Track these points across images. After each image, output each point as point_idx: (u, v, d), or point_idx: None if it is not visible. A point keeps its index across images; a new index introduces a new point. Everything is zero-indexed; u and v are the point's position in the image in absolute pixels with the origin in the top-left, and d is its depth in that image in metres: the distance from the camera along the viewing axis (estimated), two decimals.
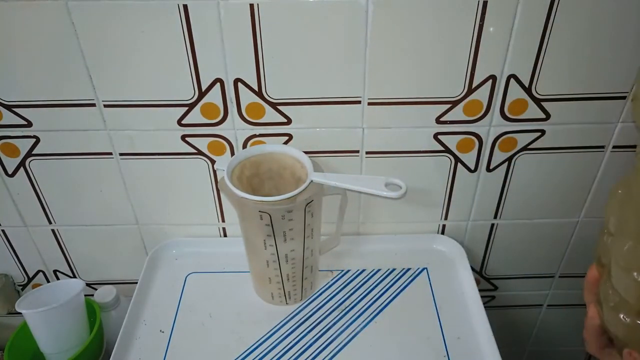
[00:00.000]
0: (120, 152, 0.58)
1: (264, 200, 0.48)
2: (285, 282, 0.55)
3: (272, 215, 0.49)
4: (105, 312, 0.65)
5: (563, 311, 0.76)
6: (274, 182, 0.55)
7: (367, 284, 0.60)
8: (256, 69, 0.52)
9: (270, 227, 0.49)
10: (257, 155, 0.54)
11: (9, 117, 0.55)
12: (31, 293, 0.60)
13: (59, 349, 0.60)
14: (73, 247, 0.68)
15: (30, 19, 0.49)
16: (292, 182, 0.54)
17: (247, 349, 0.53)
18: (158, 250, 0.65)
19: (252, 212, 0.49)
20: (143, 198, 0.63)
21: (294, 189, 0.49)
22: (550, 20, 0.48)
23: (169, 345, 0.54)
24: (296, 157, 0.54)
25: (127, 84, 0.53)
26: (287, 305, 0.58)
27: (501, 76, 0.52)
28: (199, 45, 0.50)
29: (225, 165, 0.52)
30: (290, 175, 0.54)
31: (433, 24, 0.49)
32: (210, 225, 0.66)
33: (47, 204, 0.63)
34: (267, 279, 0.55)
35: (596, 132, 0.57)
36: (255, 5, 0.48)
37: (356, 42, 0.50)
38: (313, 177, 0.51)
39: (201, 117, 0.55)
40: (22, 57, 0.51)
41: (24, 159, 0.59)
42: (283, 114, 0.55)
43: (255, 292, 0.59)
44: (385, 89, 0.53)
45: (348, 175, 0.56)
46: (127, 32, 0.49)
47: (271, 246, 0.52)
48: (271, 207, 0.48)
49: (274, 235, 0.50)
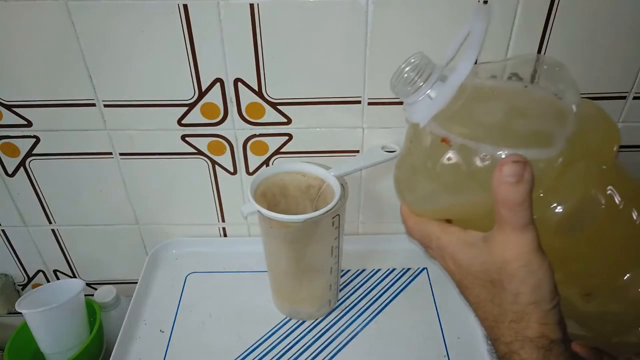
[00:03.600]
0: (121, 152, 0.58)
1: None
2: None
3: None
4: (105, 312, 0.65)
5: None
6: (285, 201, 0.54)
7: (367, 284, 0.60)
8: (256, 69, 0.52)
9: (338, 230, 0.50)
10: (263, 182, 0.52)
11: (9, 117, 0.55)
12: (31, 293, 0.60)
13: (59, 349, 0.60)
14: (73, 247, 0.68)
15: (30, 19, 0.49)
16: (299, 195, 0.53)
17: (247, 349, 0.53)
18: (158, 250, 0.65)
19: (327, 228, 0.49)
20: (143, 198, 0.63)
21: (304, 202, 0.49)
22: (550, 20, 0.48)
23: (169, 345, 0.54)
24: (298, 170, 0.53)
25: (127, 84, 0.53)
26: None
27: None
28: (199, 45, 0.50)
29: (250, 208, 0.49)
30: (296, 189, 0.53)
31: (433, 24, 0.49)
32: (210, 225, 0.66)
33: (47, 204, 0.63)
34: (328, 286, 0.55)
35: None
36: (255, 5, 0.48)
37: (356, 42, 0.50)
38: (334, 172, 0.50)
39: (201, 117, 0.55)
40: (22, 57, 0.51)
41: (24, 159, 0.59)
42: (283, 114, 0.55)
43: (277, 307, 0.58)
44: (385, 89, 0.53)
45: (353, 158, 0.56)
46: (127, 32, 0.49)
47: (335, 256, 0.52)
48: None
49: (339, 239, 0.51)
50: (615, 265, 0.36)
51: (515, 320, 0.33)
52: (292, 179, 0.52)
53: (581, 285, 0.37)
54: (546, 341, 0.32)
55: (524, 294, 0.32)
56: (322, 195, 0.52)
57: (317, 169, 0.51)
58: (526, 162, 0.31)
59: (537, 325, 0.32)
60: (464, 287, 0.36)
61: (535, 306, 0.32)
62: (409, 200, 0.39)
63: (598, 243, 0.36)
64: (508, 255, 0.32)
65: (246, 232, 0.67)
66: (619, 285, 0.36)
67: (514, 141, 0.33)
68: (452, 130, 0.35)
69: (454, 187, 0.35)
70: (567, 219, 0.34)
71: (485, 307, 0.35)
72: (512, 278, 0.32)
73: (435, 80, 0.36)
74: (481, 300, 0.35)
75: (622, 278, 0.36)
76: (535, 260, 0.32)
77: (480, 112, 0.35)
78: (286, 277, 0.54)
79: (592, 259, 0.36)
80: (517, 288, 0.32)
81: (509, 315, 0.33)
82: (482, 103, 0.36)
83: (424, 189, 0.37)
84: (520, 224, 0.31)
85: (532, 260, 0.31)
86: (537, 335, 0.32)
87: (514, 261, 0.32)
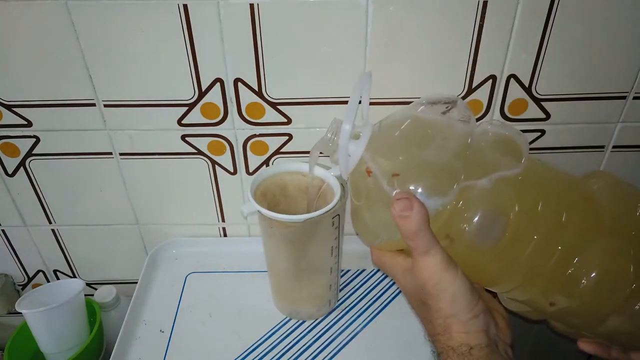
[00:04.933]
0: (120, 152, 0.58)
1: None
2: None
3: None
4: (105, 312, 0.65)
5: None
6: (285, 201, 0.54)
7: (367, 284, 0.60)
8: (256, 69, 0.52)
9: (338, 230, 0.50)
10: (263, 182, 0.52)
11: (9, 117, 0.55)
12: (31, 293, 0.60)
13: (59, 349, 0.60)
14: (73, 247, 0.68)
15: (30, 18, 0.49)
16: (299, 195, 0.53)
17: (247, 349, 0.53)
18: (158, 250, 0.65)
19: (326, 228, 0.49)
20: (143, 198, 0.63)
21: (304, 202, 0.49)
22: (550, 20, 0.48)
23: (169, 345, 0.54)
24: (298, 170, 0.52)
25: (127, 84, 0.53)
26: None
27: (501, 76, 0.52)
28: (199, 45, 0.50)
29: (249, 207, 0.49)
30: (296, 189, 0.53)
31: (433, 24, 0.49)
32: (210, 225, 0.66)
33: (47, 204, 0.63)
34: (328, 286, 0.55)
35: (596, 132, 0.57)
36: (255, 5, 0.48)
37: (356, 42, 0.50)
38: (334, 172, 0.49)
39: (201, 117, 0.55)
40: (22, 57, 0.51)
41: (24, 159, 0.59)
42: (283, 114, 0.55)
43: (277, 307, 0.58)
44: (385, 89, 0.53)
45: None
46: (127, 32, 0.49)
47: (335, 256, 0.52)
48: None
49: (338, 239, 0.51)
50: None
51: (441, 333, 0.36)
52: (292, 179, 0.52)
53: (543, 297, 0.40)
54: (466, 348, 0.35)
55: (443, 309, 0.36)
56: (322, 195, 0.52)
57: (317, 168, 0.51)
58: (410, 197, 0.35)
59: (458, 335, 0.35)
60: (412, 307, 0.41)
61: (453, 318, 0.36)
62: (364, 239, 0.44)
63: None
64: (423, 278, 0.36)
65: (246, 232, 0.67)
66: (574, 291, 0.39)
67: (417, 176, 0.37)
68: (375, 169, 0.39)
69: (383, 223, 0.39)
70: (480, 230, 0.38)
71: (425, 324, 0.39)
72: (430, 297, 0.36)
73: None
74: (421, 319, 0.40)
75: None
76: (445, 277, 0.35)
77: (397, 148, 0.40)
78: (286, 277, 0.54)
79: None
80: (436, 304, 0.36)
81: (437, 329, 0.37)
82: (400, 140, 0.40)
83: (366, 229, 0.42)
84: (423, 249, 0.35)
85: (443, 278, 0.35)
86: (458, 345, 0.35)
87: (427, 282, 0.36)
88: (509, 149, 0.40)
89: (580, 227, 0.38)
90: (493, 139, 0.40)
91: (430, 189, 0.36)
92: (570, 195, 0.40)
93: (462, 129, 0.39)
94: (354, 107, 0.39)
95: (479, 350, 0.35)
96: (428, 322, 0.38)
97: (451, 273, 0.35)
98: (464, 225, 0.37)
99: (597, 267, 0.38)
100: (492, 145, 0.39)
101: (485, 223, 0.37)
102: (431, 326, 0.37)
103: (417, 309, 0.40)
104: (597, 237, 0.39)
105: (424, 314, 0.38)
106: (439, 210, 0.36)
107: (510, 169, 0.38)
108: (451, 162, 0.37)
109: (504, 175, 0.38)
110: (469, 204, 0.37)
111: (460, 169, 0.37)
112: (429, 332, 0.38)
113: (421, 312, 0.39)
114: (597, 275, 0.37)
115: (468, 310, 0.35)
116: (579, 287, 0.38)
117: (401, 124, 0.41)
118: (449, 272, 0.35)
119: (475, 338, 0.35)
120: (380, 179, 0.38)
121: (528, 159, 0.39)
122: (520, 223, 0.37)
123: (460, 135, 0.38)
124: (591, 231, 0.39)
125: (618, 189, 0.42)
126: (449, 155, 0.37)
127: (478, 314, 0.36)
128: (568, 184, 0.41)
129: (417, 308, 0.40)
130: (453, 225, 0.37)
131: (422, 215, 0.35)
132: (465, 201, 0.37)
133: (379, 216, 0.40)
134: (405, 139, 0.40)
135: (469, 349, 0.35)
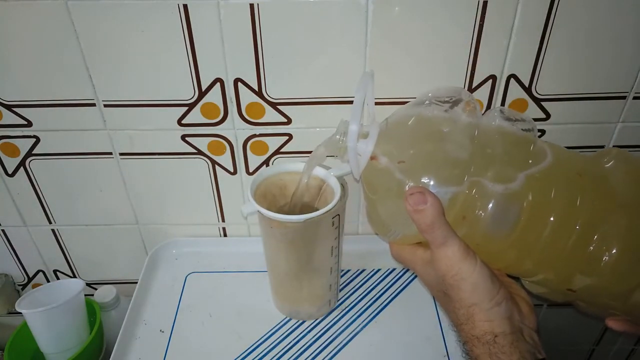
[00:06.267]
0: (120, 152, 0.58)
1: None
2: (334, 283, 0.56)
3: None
4: (105, 312, 0.65)
5: (563, 311, 0.76)
6: (285, 201, 0.54)
7: (367, 284, 0.60)
8: (256, 69, 0.52)
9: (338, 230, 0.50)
10: (263, 182, 0.52)
11: (9, 117, 0.55)
12: (31, 293, 0.60)
13: (59, 349, 0.60)
14: (73, 247, 0.68)
15: (30, 18, 0.49)
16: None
17: (247, 349, 0.53)
18: (158, 250, 0.65)
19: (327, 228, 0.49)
20: (143, 198, 0.63)
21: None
22: (550, 20, 0.48)
23: (169, 345, 0.54)
24: (298, 170, 0.52)
25: (127, 84, 0.53)
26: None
27: (501, 76, 0.52)
28: (199, 45, 0.50)
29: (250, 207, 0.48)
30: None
31: (433, 24, 0.49)
32: (210, 225, 0.66)
33: (47, 204, 0.63)
34: (328, 286, 0.55)
35: (596, 132, 0.57)
36: (255, 5, 0.48)
37: (356, 42, 0.50)
38: (334, 172, 0.50)
39: (201, 117, 0.55)
40: (22, 57, 0.51)
41: (24, 158, 0.59)
42: (283, 114, 0.55)
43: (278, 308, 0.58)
44: (385, 89, 0.53)
45: None
46: (127, 32, 0.49)
47: (335, 256, 0.52)
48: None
49: (339, 239, 0.51)
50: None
51: (465, 322, 0.36)
52: (292, 179, 0.52)
53: (565, 278, 0.40)
54: (490, 336, 0.35)
55: (464, 299, 0.36)
56: (322, 195, 0.52)
57: (317, 169, 0.51)
58: (423, 191, 0.35)
59: (481, 323, 0.35)
60: (435, 299, 0.41)
61: (475, 307, 0.36)
62: (383, 236, 0.45)
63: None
64: (442, 269, 0.36)
65: (246, 232, 0.67)
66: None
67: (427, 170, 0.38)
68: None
69: (398, 218, 0.40)
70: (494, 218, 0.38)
71: (448, 315, 0.39)
72: (451, 287, 0.36)
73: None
74: (444, 309, 0.40)
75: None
76: (464, 267, 0.35)
77: (407, 145, 0.40)
78: (286, 277, 0.54)
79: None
80: (457, 295, 0.36)
81: (460, 319, 0.37)
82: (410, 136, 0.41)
83: (382, 225, 0.43)
84: (440, 241, 0.36)
85: (461, 268, 0.35)
86: (482, 333, 0.35)
87: (447, 273, 0.36)
88: (518, 137, 0.40)
89: (597, 205, 0.38)
90: (501, 127, 0.40)
91: (441, 178, 0.36)
92: (584, 174, 0.40)
93: (468, 121, 0.39)
94: (359, 107, 0.39)
95: (503, 337, 0.35)
96: (451, 312, 0.38)
97: (470, 262, 0.35)
98: (479, 212, 0.38)
99: (617, 242, 0.37)
100: (501, 133, 0.40)
101: (499, 208, 0.38)
102: (454, 316, 0.37)
103: (440, 300, 0.40)
104: (613, 213, 0.38)
105: (447, 305, 0.39)
106: (452, 199, 0.36)
107: (521, 155, 0.38)
108: (460, 151, 0.37)
109: (516, 161, 0.38)
110: (482, 191, 0.37)
111: (470, 159, 0.37)
112: (453, 322, 0.39)
113: (444, 302, 0.39)
114: (618, 250, 0.37)
115: (489, 299, 0.35)
116: (601, 264, 0.38)
117: (408, 119, 0.41)
118: (467, 261, 0.35)
119: (499, 326, 0.35)
120: (393, 172, 0.38)
121: (537, 143, 0.39)
122: (535, 206, 0.37)
123: (467, 126, 0.39)
124: (607, 208, 0.38)
125: (631, 165, 0.42)
126: (457, 145, 0.38)
127: (500, 302, 0.36)
128: (581, 164, 0.41)
129: (439, 299, 0.40)
130: (468, 213, 0.38)
131: (437, 208, 0.35)
132: (478, 188, 0.37)
133: (394, 210, 0.40)
134: (413, 133, 0.40)
135: (494, 337, 0.35)
